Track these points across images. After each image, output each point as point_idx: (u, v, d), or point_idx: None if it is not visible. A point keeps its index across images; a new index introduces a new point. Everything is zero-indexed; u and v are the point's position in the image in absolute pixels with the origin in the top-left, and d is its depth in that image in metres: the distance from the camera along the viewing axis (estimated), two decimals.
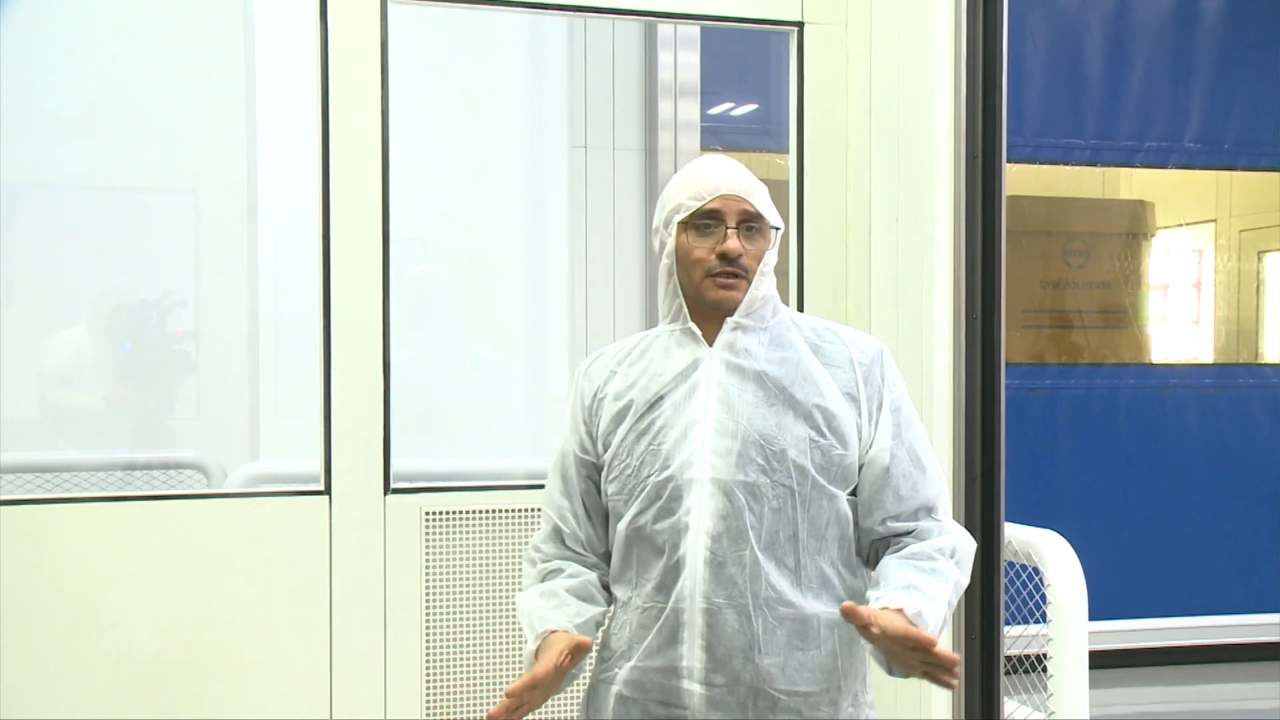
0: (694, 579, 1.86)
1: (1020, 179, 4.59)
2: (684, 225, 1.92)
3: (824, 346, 1.98)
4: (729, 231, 1.91)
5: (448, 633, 3.02)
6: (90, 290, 3.39)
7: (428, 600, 3.00)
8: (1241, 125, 4.78)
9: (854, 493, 1.95)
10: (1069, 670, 2.82)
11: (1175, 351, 5.11)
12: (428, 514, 3.00)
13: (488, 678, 3.04)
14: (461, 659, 3.03)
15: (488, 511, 3.03)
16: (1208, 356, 5.10)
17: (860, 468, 1.94)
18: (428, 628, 3.00)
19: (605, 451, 1.97)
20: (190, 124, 3.56)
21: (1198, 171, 4.85)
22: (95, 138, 3.53)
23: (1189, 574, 4.60)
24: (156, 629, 2.87)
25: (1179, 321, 5.10)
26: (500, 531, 3.03)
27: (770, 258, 1.95)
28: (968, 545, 1.95)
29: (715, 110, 4.46)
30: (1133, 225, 4.87)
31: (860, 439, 1.93)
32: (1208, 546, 4.63)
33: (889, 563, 1.91)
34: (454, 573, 3.02)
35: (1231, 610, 4.56)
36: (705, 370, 1.94)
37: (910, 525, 1.94)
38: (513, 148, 4.24)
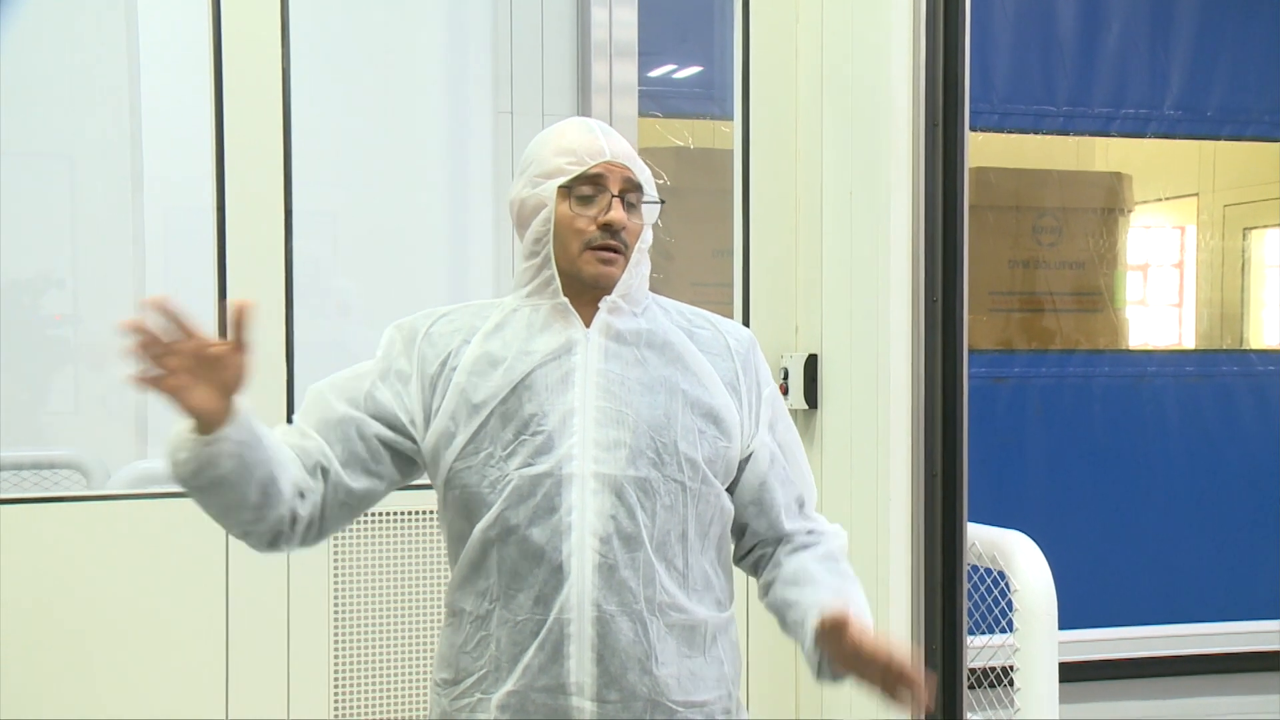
0: (581, 586, 1.83)
1: (986, 149, 4.64)
2: (563, 191, 1.90)
3: (698, 333, 2.00)
4: (614, 200, 1.89)
5: (356, 635, 3.02)
6: None
7: (336, 603, 3.01)
8: (1225, 91, 4.86)
9: (729, 488, 1.97)
10: (1037, 683, 2.86)
11: (1155, 337, 5.19)
12: None
13: (399, 676, 3.05)
14: (371, 660, 3.04)
15: (398, 513, 3.04)
16: (1190, 342, 5.19)
17: (741, 462, 1.97)
18: (336, 631, 3.01)
19: (432, 433, 1.89)
20: (64, 79, 3.51)
21: (1179, 141, 4.92)
22: None
23: (1168, 578, 4.68)
24: (31, 640, 2.85)
25: (1158, 304, 5.19)
26: (411, 532, 3.04)
27: (648, 236, 1.95)
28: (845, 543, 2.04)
29: (655, 73, 4.47)
30: (1109, 200, 4.93)
31: (742, 432, 1.96)
32: (1188, 548, 4.71)
33: (810, 566, 1.94)
34: (363, 574, 3.03)
35: (1214, 617, 4.63)
36: (582, 353, 1.91)
37: (798, 523, 2.00)
38: (432, 114, 4.23)
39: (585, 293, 1.93)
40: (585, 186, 1.90)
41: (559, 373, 1.90)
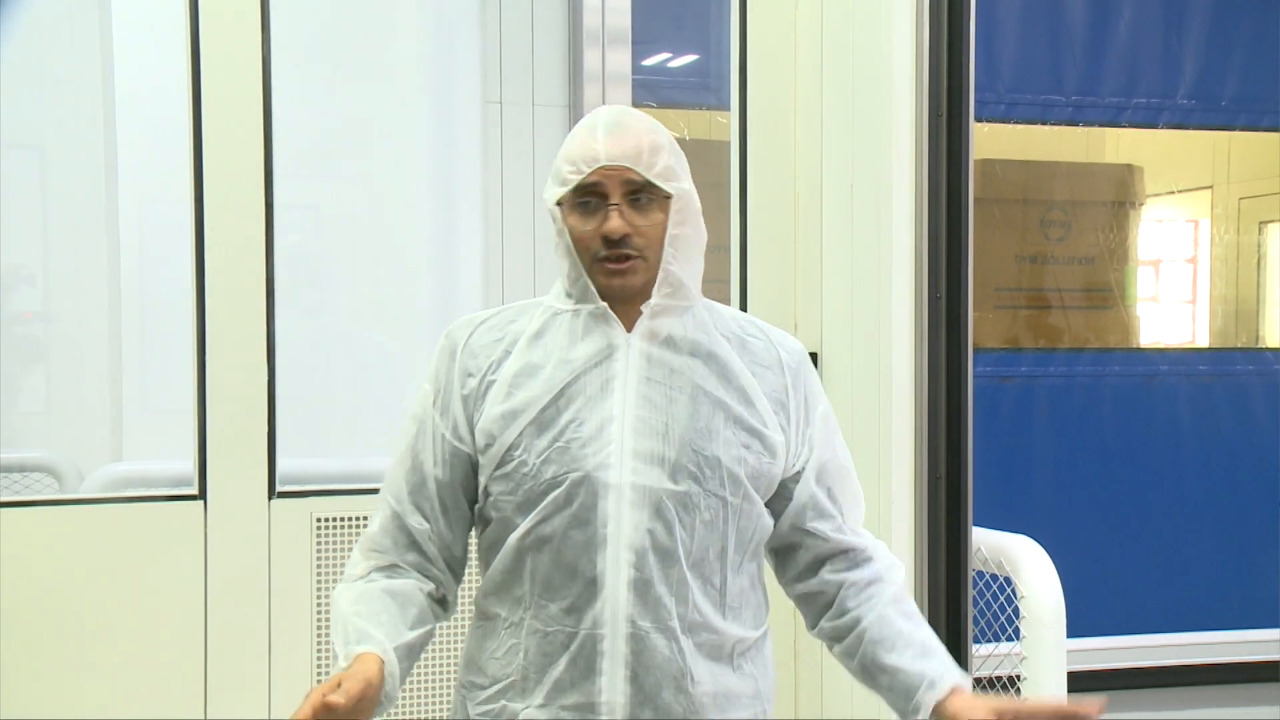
0: (616, 601, 1.83)
1: (992, 140, 4.64)
2: (570, 202, 1.89)
3: (750, 343, 1.98)
4: (610, 210, 1.86)
5: None
6: None
7: (319, 612, 3.01)
8: (1241, 80, 4.85)
9: (777, 507, 1.98)
10: (1045, 693, 2.86)
11: (1167, 334, 5.19)
12: (319, 520, 3.00)
13: None
14: None
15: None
16: (1204, 340, 5.19)
17: (789, 478, 1.97)
18: (319, 634, 3.01)
19: (484, 444, 1.90)
20: (33, 67, 3.51)
21: (1192, 131, 4.92)
22: None
23: (1180, 584, 4.68)
24: (2, 645, 2.86)
25: (1171, 301, 5.19)
26: None
27: (677, 228, 1.88)
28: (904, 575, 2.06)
29: (649, 61, 4.47)
30: (1119, 192, 4.93)
31: (788, 450, 1.95)
32: (1201, 553, 4.71)
33: (895, 621, 1.96)
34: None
35: (1228, 625, 4.64)
36: (623, 359, 1.90)
37: (849, 541, 2.01)
38: (417, 104, 4.23)
39: (624, 296, 1.91)
40: (586, 196, 1.88)
41: (599, 380, 1.90)
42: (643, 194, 1.87)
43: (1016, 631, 2.95)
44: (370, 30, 4.13)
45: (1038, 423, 4.61)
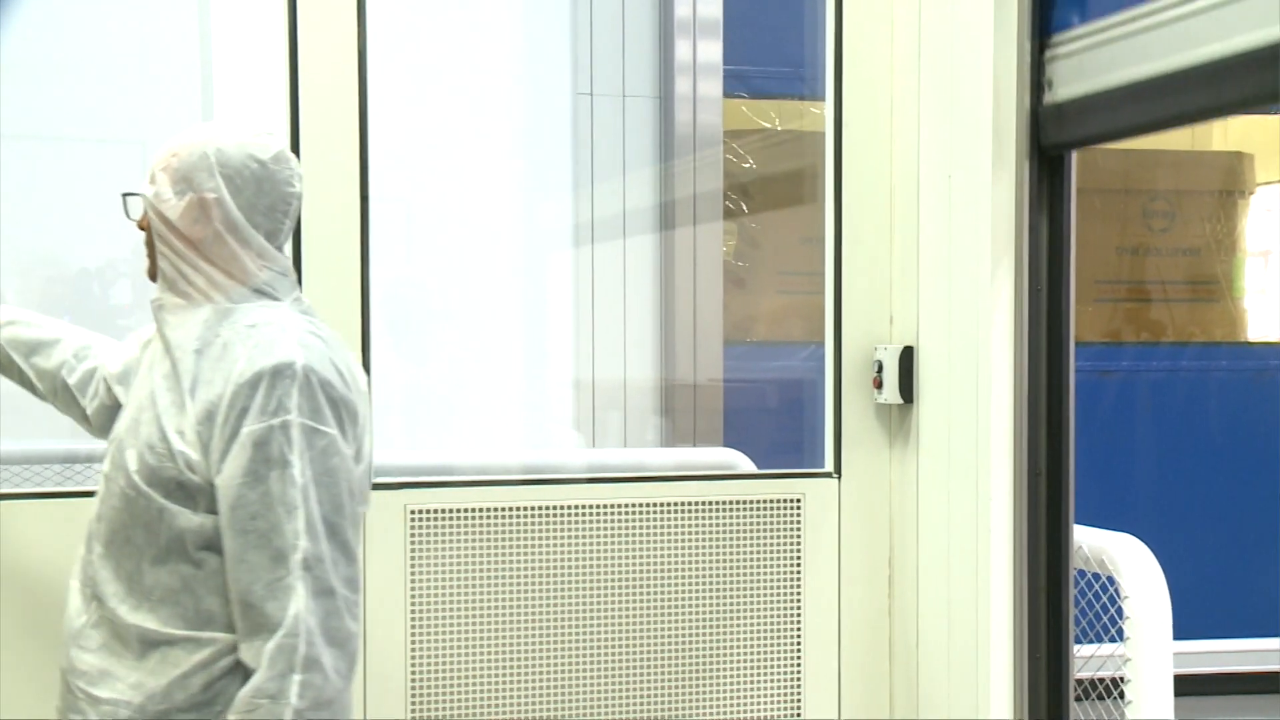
0: None
1: None
2: None
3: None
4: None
5: (434, 637, 3.04)
6: (19, 256, 3.42)
7: (412, 604, 3.04)
8: None
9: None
10: (1150, 697, 2.82)
11: (1277, 328, 5.09)
12: (412, 512, 3.03)
13: (477, 681, 3.07)
14: (449, 663, 3.07)
15: (479, 510, 3.06)
16: None
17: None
18: (412, 632, 3.04)
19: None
20: (136, 62, 3.57)
21: None
22: (21, 79, 3.55)
23: None
24: None
25: None
26: (493, 531, 3.05)
27: (162, 228, 2.18)
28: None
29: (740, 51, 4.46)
30: (1227, 181, 4.84)
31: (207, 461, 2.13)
32: None
33: None
34: (441, 576, 3.05)
35: None
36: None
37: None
38: (509, 95, 4.26)
39: None
40: None
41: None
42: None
43: (1120, 632, 2.90)
44: (462, 23, 4.16)
45: (1140, 418, 4.55)
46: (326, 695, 2.05)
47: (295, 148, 2.98)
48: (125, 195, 2.24)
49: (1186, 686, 2.97)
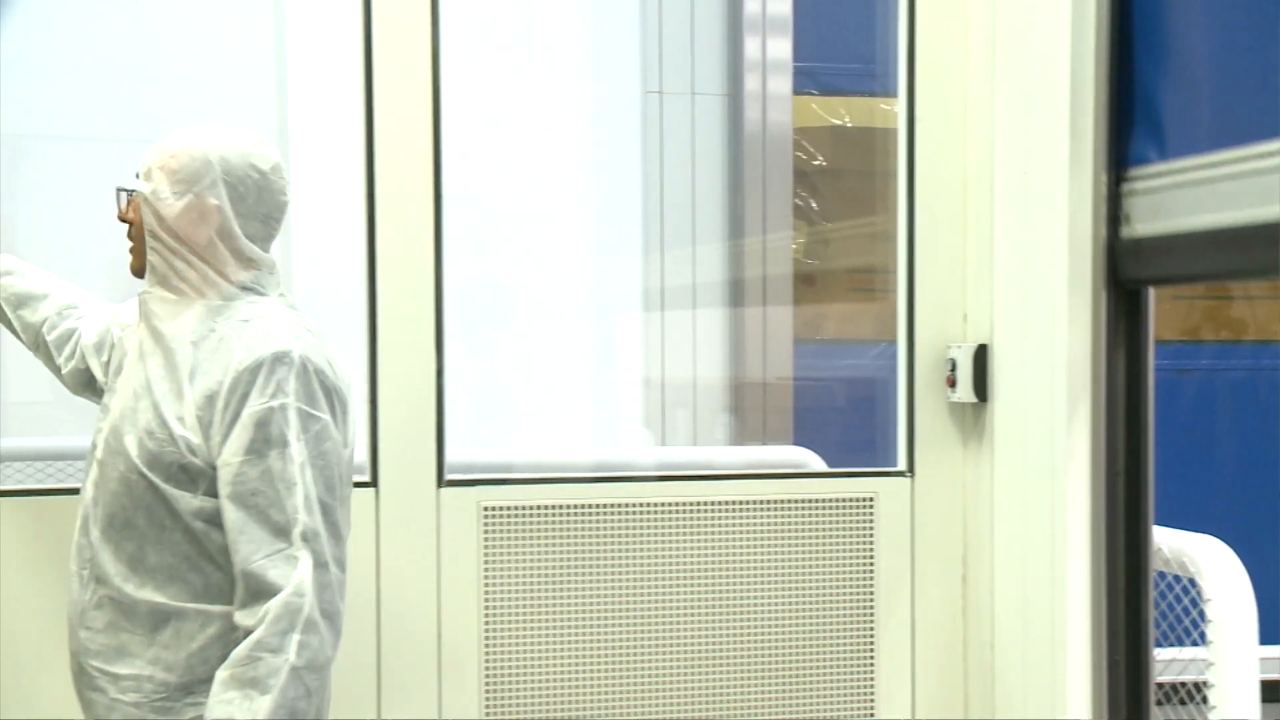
0: None
1: None
2: None
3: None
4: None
5: (508, 634, 3.05)
6: (104, 257, 3.46)
7: (486, 601, 3.05)
8: None
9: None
10: (1234, 702, 2.77)
11: None
12: (486, 509, 3.04)
13: (551, 679, 3.08)
14: (523, 661, 3.08)
15: (551, 507, 3.07)
16: None
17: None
18: (486, 628, 3.05)
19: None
20: (212, 67, 3.62)
21: None
22: (103, 83, 3.60)
23: None
24: None
25: None
26: (565, 528, 3.06)
27: (156, 225, 2.23)
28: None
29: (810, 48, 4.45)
30: None
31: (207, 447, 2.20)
32: None
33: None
34: (514, 572, 3.06)
35: None
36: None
37: None
38: (579, 94, 4.27)
39: None
40: None
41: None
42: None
43: (1202, 636, 2.86)
44: (533, 22, 4.18)
45: (1220, 418, 4.48)
46: (320, 659, 2.13)
47: (370, 147, 3.01)
48: (120, 190, 2.31)
49: (1272, 693, 2.92)
